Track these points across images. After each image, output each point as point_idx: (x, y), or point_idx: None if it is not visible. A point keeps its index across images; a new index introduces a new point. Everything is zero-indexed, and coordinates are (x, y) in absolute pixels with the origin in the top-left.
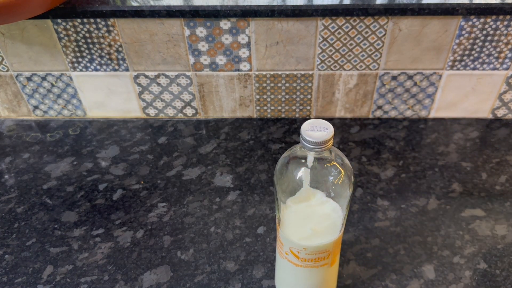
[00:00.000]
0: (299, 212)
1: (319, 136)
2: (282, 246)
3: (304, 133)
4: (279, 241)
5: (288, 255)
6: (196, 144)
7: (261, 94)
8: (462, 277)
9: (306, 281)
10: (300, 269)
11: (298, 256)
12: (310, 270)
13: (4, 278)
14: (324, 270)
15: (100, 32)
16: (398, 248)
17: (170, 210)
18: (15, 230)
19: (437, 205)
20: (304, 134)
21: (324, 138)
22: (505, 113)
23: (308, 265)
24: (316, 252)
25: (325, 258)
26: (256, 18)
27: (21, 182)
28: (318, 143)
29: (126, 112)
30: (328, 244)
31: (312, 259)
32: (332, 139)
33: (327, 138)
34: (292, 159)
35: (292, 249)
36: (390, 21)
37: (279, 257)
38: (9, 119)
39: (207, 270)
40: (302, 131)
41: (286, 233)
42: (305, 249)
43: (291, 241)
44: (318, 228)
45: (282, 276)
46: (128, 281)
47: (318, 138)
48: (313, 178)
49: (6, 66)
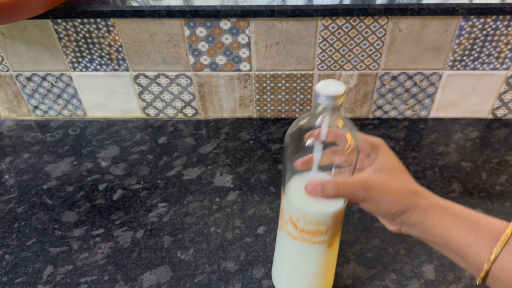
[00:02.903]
0: (304, 178)
1: (333, 90)
2: (282, 216)
3: (319, 88)
4: (281, 211)
5: (287, 226)
6: (196, 144)
7: (261, 94)
8: (462, 277)
9: (301, 262)
10: (297, 245)
11: (296, 225)
12: (307, 247)
13: (4, 278)
14: (321, 251)
15: (100, 32)
16: (398, 248)
17: (170, 210)
18: (15, 230)
19: None
20: (318, 89)
21: (339, 90)
22: (505, 113)
23: (305, 238)
24: (315, 223)
25: (322, 233)
26: (256, 18)
27: (21, 182)
28: (333, 96)
29: (126, 112)
30: (328, 214)
31: (310, 231)
32: (344, 94)
33: (342, 90)
34: (305, 129)
35: (292, 216)
36: (390, 21)
37: (278, 232)
38: (9, 119)
39: (207, 270)
40: (317, 87)
41: (289, 197)
42: (305, 216)
43: (292, 206)
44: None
45: (278, 258)
46: (128, 281)
47: (333, 91)
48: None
49: (6, 66)
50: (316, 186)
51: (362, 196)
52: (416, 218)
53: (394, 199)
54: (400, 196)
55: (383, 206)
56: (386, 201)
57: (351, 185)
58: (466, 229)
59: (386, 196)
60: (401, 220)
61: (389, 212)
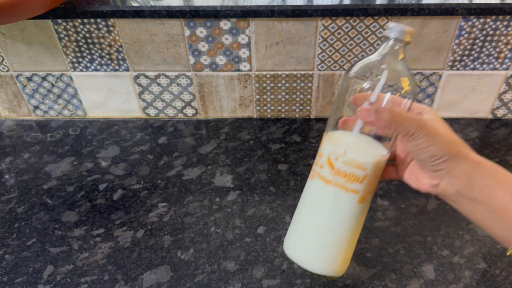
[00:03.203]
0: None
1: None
2: (319, 160)
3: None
4: (317, 156)
5: (322, 169)
6: (196, 144)
7: (261, 94)
8: (462, 277)
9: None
10: (328, 191)
11: (333, 166)
12: (338, 194)
13: (5, 278)
14: (352, 203)
15: (100, 32)
16: (398, 248)
17: (170, 210)
18: (15, 230)
19: (437, 205)
20: (390, 24)
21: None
22: (504, 113)
23: (339, 182)
24: (354, 164)
25: (359, 179)
26: (256, 18)
27: (22, 182)
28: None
29: (126, 112)
30: (370, 156)
31: (346, 174)
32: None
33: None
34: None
35: (331, 155)
36: (390, 21)
37: (307, 183)
38: (10, 119)
39: (207, 270)
40: (389, 24)
41: (332, 135)
42: (345, 154)
43: (334, 144)
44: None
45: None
46: (128, 281)
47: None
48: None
49: (7, 66)
50: (369, 110)
51: (413, 131)
52: (464, 167)
53: (445, 141)
54: (451, 140)
55: (433, 146)
56: (437, 141)
57: (406, 117)
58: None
59: (437, 136)
60: (446, 168)
61: (437, 154)
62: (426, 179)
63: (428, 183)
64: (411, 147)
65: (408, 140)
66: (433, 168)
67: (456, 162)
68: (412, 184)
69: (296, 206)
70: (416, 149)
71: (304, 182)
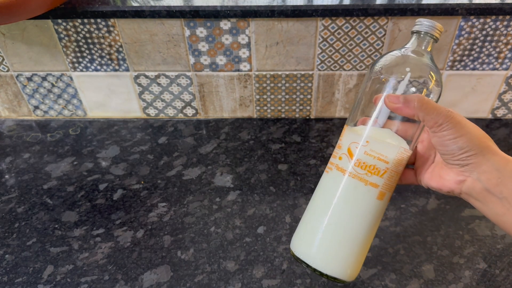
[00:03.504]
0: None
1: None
2: (338, 151)
3: (420, 19)
4: (336, 147)
5: (341, 160)
6: (196, 144)
7: (261, 94)
8: (462, 276)
9: (344, 207)
10: (346, 183)
11: (353, 156)
12: (357, 187)
13: (5, 278)
14: (370, 197)
15: (101, 32)
16: (397, 248)
17: (170, 210)
18: (15, 230)
19: (437, 205)
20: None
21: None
22: (504, 113)
23: (359, 174)
24: (376, 155)
25: (380, 172)
26: (256, 18)
27: (22, 182)
28: (433, 25)
29: (127, 112)
30: (393, 148)
31: (367, 165)
32: (442, 32)
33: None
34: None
35: (352, 145)
36: (390, 21)
37: (323, 176)
38: (10, 119)
39: (207, 270)
40: (418, 20)
41: (356, 127)
42: (368, 144)
43: (356, 134)
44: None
45: (314, 211)
46: (128, 281)
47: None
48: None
49: (7, 66)
50: (398, 96)
51: (441, 121)
52: (494, 163)
53: (474, 133)
54: (480, 134)
55: (461, 138)
56: (465, 132)
57: (435, 106)
58: None
59: (466, 128)
60: (475, 163)
61: (465, 146)
62: (451, 175)
63: (453, 179)
64: (438, 138)
65: (435, 131)
66: (460, 162)
67: (485, 157)
68: (432, 184)
69: (296, 206)
70: (443, 140)
71: (304, 182)
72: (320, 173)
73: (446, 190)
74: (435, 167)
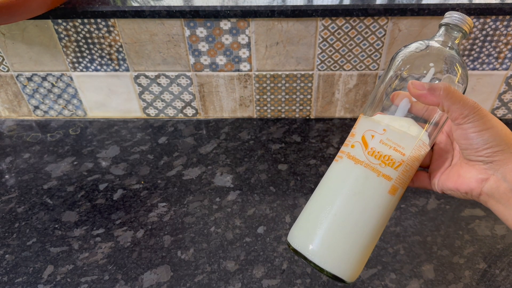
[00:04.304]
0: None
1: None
2: (351, 139)
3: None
4: (350, 135)
5: (353, 149)
6: (196, 144)
7: (261, 94)
8: (462, 276)
9: (352, 199)
10: (357, 172)
11: (367, 144)
12: (368, 177)
13: (5, 277)
14: (381, 190)
15: (101, 32)
16: (397, 248)
17: (170, 210)
18: (15, 230)
19: (437, 205)
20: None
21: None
22: (504, 113)
23: (372, 163)
24: (392, 145)
25: (395, 163)
26: (256, 18)
27: (22, 182)
28: (463, 18)
29: (127, 112)
30: (411, 138)
31: (381, 155)
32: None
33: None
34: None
35: (367, 133)
36: (390, 22)
37: (332, 165)
38: (10, 119)
39: (207, 270)
40: (447, 13)
41: (373, 116)
42: (385, 132)
43: (372, 121)
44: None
45: (319, 201)
46: (128, 281)
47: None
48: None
49: (7, 66)
50: (423, 83)
51: (467, 112)
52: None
53: (500, 128)
54: (507, 131)
55: (487, 131)
56: (492, 126)
57: (461, 97)
58: None
59: (492, 122)
60: (500, 160)
61: (491, 140)
62: (473, 173)
63: (474, 177)
64: (462, 131)
65: (459, 122)
66: (484, 159)
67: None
68: (449, 184)
69: (296, 206)
70: (467, 133)
71: (304, 182)
72: (320, 173)
73: (464, 190)
74: (452, 168)
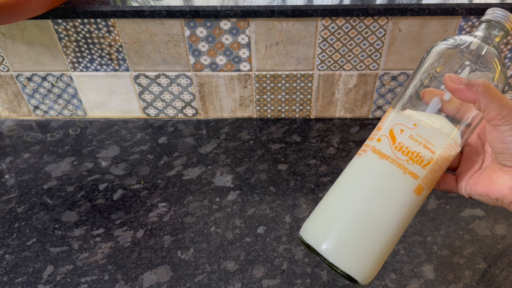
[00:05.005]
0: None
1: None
2: (377, 133)
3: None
4: (376, 129)
5: (379, 142)
6: (196, 144)
7: (261, 94)
8: (462, 277)
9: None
10: (382, 168)
11: (395, 139)
12: (393, 173)
13: (5, 278)
14: (406, 189)
15: (101, 32)
16: (397, 248)
17: (170, 210)
18: (15, 230)
19: (437, 205)
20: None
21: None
22: None
23: (398, 159)
24: (422, 141)
25: (423, 161)
26: (256, 18)
27: (22, 182)
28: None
29: (127, 112)
30: (444, 135)
31: (410, 151)
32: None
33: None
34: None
35: (395, 128)
36: (390, 22)
37: (354, 159)
38: (10, 119)
39: (207, 270)
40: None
41: (402, 108)
42: (415, 127)
43: (402, 115)
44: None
45: (339, 196)
46: (128, 281)
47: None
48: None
49: (7, 66)
50: (461, 78)
51: (505, 113)
52: None
53: None
54: None
55: None
56: None
57: (501, 96)
58: None
59: None
60: None
61: None
62: (506, 179)
63: (507, 184)
64: (498, 133)
65: (496, 124)
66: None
67: None
68: (478, 189)
69: (296, 206)
70: (503, 136)
71: (304, 182)
72: (320, 173)
73: (495, 196)
74: (483, 172)
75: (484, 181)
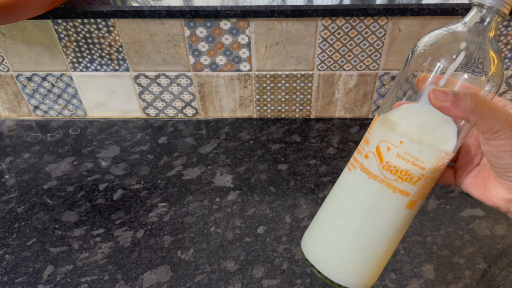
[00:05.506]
0: (413, 107)
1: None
2: (364, 147)
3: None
4: (363, 141)
5: (367, 159)
6: (196, 144)
7: (261, 94)
8: (462, 277)
9: (366, 216)
10: (371, 188)
11: (382, 158)
12: (383, 194)
13: (5, 278)
14: (398, 207)
15: (101, 32)
16: (397, 248)
17: (170, 210)
18: (15, 230)
19: (437, 205)
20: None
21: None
22: None
23: (387, 179)
24: (409, 159)
25: (412, 178)
26: (256, 18)
27: (22, 182)
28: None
29: (127, 112)
30: (433, 151)
31: (398, 170)
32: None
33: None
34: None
35: (381, 144)
36: (390, 22)
37: (344, 173)
38: (10, 119)
39: (207, 270)
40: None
41: (388, 118)
42: (402, 144)
43: (388, 129)
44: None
45: (331, 213)
46: (128, 281)
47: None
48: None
49: (7, 66)
50: (446, 92)
51: (498, 127)
52: None
53: None
54: None
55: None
56: None
57: (492, 108)
58: None
59: None
60: None
61: None
62: (499, 190)
63: (501, 195)
64: (491, 148)
65: (488, 138)
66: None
67: None
68: (475, 193)
69: (296, 206)
70: (497, 151)
71: (304, 182)
72: (320, 173)
73: (490, 205)
74: (481, 171)
75: (480, 186)
